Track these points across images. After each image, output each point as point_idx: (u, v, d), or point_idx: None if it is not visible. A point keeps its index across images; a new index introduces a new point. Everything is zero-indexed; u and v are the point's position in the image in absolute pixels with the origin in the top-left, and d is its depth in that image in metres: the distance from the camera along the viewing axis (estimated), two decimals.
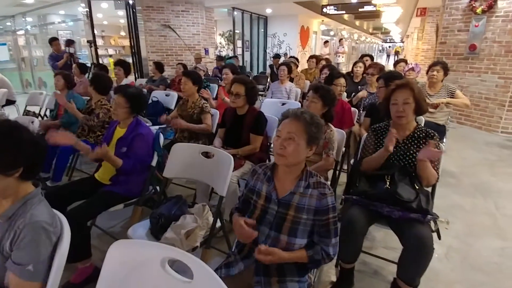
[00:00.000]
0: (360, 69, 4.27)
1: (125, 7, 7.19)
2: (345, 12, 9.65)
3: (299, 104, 3.40)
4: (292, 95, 4.07)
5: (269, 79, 6.56)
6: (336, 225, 1.18)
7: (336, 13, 9.53)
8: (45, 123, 3.09)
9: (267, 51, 12.17)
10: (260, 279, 1.16)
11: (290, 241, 1.16)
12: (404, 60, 4.73)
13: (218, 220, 1.63)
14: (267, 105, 3.26)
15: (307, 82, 5.06)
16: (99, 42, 9.10)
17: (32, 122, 2.49)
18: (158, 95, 3.78)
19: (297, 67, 5.57)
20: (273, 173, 1.26)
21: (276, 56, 7.48)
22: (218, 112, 2.72)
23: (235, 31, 10.32)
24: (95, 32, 7.18)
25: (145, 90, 4.24)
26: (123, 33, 10.42)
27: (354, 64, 4.38)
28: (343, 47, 11.27)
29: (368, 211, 1.55)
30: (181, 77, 2.77)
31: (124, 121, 1.95)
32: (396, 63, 4.75)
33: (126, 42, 9.42)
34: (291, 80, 4.64)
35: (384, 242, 2.13)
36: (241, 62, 9.65)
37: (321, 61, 5.95)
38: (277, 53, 9.99)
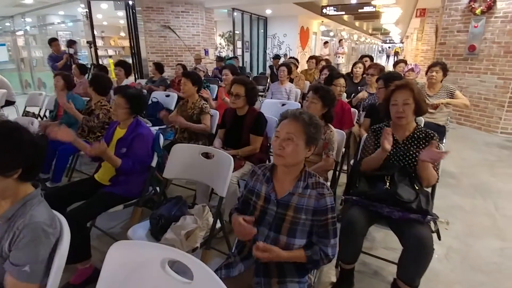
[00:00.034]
0: (360, 69, 4.27)
1: (125, 8, 7.19)
2: (344, 12, 9.67)
3: (299, 104, 3.40)
4: (292, 95, 4.08)
5: (269, 80, 6.57)
6: (335, 225, 1.18)
7: (335, 14, 9.54)
8: (44, 123, 3.08)
9: (267, 51, 12.17)
10: (260, 280, 1.16)
11: (289, 241, 1.16)
12: (403, 61, 4.74)
13: (218, 221, 1.63)
14: (267, 105, 3.27)
15: (307, 83, 5.07)
16: (99, 42, 9.10)
17: (32, 123, 2.48)
18: (158, 95, 3.78)
19: (297, 67, 5.58)
20: (272, 173, 1.26)
21: (276, 57, 7.49)
22: (218, 112, 2.72)
23: (235, 31, 10.33)
24: (95, 32, 7.18)
25: (145, 90, 4.25)
26: (122, 34, 10.44)
27: (354, 65, 4.39)
28: (342, 47, 11.28)
29: (368, 212, 1.56)
30: (181, 78, 2.77)
31: (124, 121, 1.96)
32: (395, 64, 4.75)
33: (126, 43, 9.44)
34: (291, 80, 4.64)
35: (384, 242, 2.13)
36: (241, 63, 9.65)
37: (320, 61, 5.97)
38: (277, 54, 10.00)
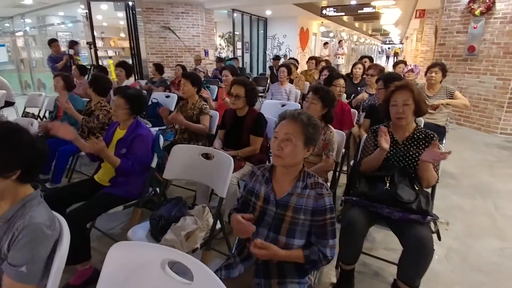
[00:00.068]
0: (360, 70, 4.28)
1: (125, 9, 7.20)
2: (344, 13, 9.70)
3: (299, 105, 3.40)
4: (292, 96, 4.08)
5: (269, 81, 6.58)
6: (334, 226, 1.17)
7: (335, 14, 9.56)
8: (44, 124, 3.09)
9: (266, 52, 12.19)
10: (260, 281, 1.16)
11: (288, 242, 1.16)
12: (403, 62, 4.74)
13: (218, 222, 1.63)
14: (267, 106, 3.27)
15: (307, 84, 5.07)
16: (99, 43, 9.10)
17: (31, 123, 2.48)
18: (158, 96, 3.78)
19: (296, 68, 5.58)
20: (271, 174, 1.26)
21: (276, 58, 7.49)
22: (218, 113, 2.72)
23: (235, 32, 10.34)
24: (95, 33, 7.18)
25: (144, 91, 4.25)
26: (122, 35, 10.45)
27: (353, 66, 4.39)
28: (342, 48, 11.29)
29: (368, 212, 1.55)
30: (181, 79, 2.76)
31: (124, 122, 1.95)
32: (395, 65, 4.76)
33: (125, 44, 9.44)
34: (291, 81, 4.65)
35: (384, 243, 2.13)
36: (241, 64, 9.66)
37: (320, 62, 5.97)
38: (277, 54, 10.01)
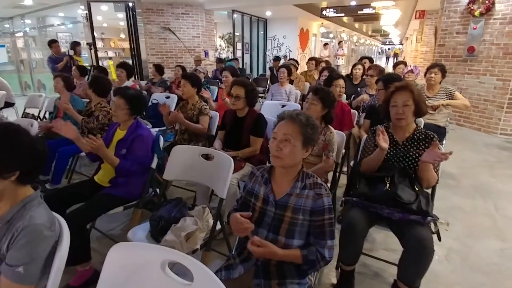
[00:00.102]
0: (359, 71, 4.28)
1: (125, 10, 7.21)
2: (344, 14, 9.71)
3: (299, 106, 3.40)
4: (292, 97, 4.08)
5: (269, 81, 6.58)
6: (332, 227, 1.17)
7: (335, 15, 9.57)
8: (45, 124, 3.09)
9: (266, 53, 12.20)
10: (260, 282, 1.16)
11: (288, 242, 1.16)
12: (403, 62, 4.75)
13: (218, 223, 1.63)
14: (267, 107, 3.27)
15: (307, 84, 5.07)
16: (99, 44, 9.11)
17: (31, 124, 2.48)
18: (158, 97, 3.78)
19: (296, 69, 5.58)
20: (270, 175, 1.26)
21: (277, 59, 7.49)
22: (218, 114, 2.72)
23: (235, 33, 10.35)
24: (95, 34, 7.19)
25: (144, 92, 4.25)
26: (123, 36, 10.46)
27: (353, 66, 4.39)
28: (342, 49, 11.30)
29: (368, 213, 1.55)
30: (180, 79, 2.76)
31: (124, 123, 1.96)
32: (395, 65, 4.76)
33: (126, 45, 9.44)
34: (291, 82, 4.65)
35: (384, 244, 2.13)
36: (241, 65, 9.67)
37: (320, 63, 5.97)
38: (277, 55, 10.02)
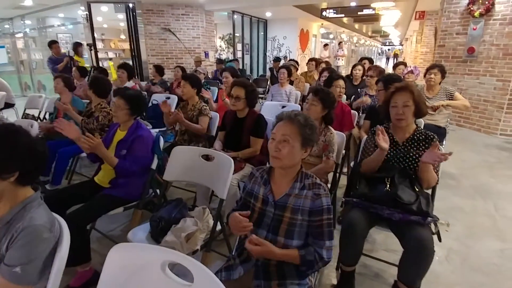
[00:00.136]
0: (359, 72, 4.29)
1: (125, 11, 7.22)
2: (344, 15, 9.71)
3: (299, 106, 3.40)
4: (292, 98, 4.08)
5: (269, 82, 6.58)
6: (331, 227, 1.17)
7: (335, 16, 9.58)
8: (45, 125, 3.09)
9: (267, 54, 12.21)
10: (260, 283, 1.16)
11: (287, 243, 1.16)
12: (403, 63, 4.74)
13: (219, 223, 1.63)
14: (267, 108, 3.27)
15: (307, 85, 5.08)
16: (99, 45, 9.12)
17: (32, 125, 2.48)
18: (158, 98, 3.78)
19: (297, 70, 5.59)
20: (269, 176, 1.27)
21: (277, 59, 7.50)
22: (218, 115, 2.73)
23: (235, 34, 10.36)
24: (95, 35, 7.20)
25: (144, 93, 4.25)
26: (123, 36, 10.47)
27: (353, 67, 4.40)
28: (342, 50, 11.32)
29: (368, 214, 1.55)
30: (180, 80, 2.76)
31: (124, 123, 1.96)
32: (395, 66, 4.76)
33: (126, 45, 9.46)
34: (291, 83, 4.65)
35: (384, 244, 2.13)
36: (241, 65, 9.68)
37: (320, 64, 5.98)
38: (277, 56, 10.03)
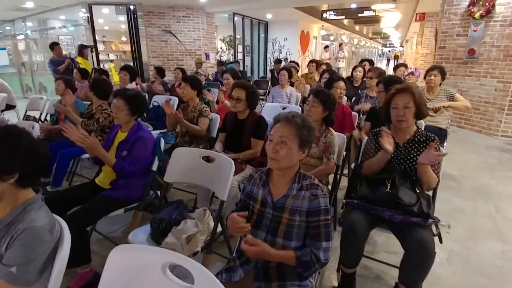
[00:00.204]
0: (360, 73, 4.29)
1: (126, 13, 7.25)
2: (344, 17, 9.72)
3: (300, 108, 3.41)
4: (293, 99, 4.09)
5: (269, 84, 6.59)
6: (328, 228, 1.16)
7: (336, 18, 9.58)
8: (46, 126, 3.09)
9: (267, 56, 12.23)
10: (260, 284, 1.16)
11: (285, 244, 1.16)
12: (404, 65, 4.73)
13: (219, 225, 1.63)
14: (268, 109, 3.28)
15: (308, 87, 5.08)
16: (100, 47, 9.15)
17: (33, 127, 2.49)
18: (159, 99, 3.79)
19: (297, 71, 5.59)
20: (268, 177, 1.27)
21: (278, 61, 7.50)
22: (218, 116, 2.73)
23: (236, 36, 10.39)
24: (96, 37, 7.23)
25: (145, 94, 4.26)
26: (124, 38, 10.50)
27: (354, 69, 4.41)
28: (343, 51, 11.32)
29: (369, 215, 1.55)
30: (180, 82, 2.77)
31: (125, 124, 1.96)
32: (396, 68, 4.75)
33: (127, 47, 9.48)
34: (291, 84, 4.65)
35: (385, 246, 2.12)
36: (242, 67, 9.70)
37: (321, 65, 5.98)
38: (278, 58, 10.05)
